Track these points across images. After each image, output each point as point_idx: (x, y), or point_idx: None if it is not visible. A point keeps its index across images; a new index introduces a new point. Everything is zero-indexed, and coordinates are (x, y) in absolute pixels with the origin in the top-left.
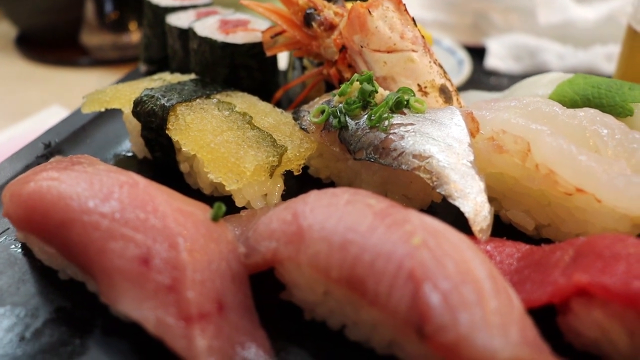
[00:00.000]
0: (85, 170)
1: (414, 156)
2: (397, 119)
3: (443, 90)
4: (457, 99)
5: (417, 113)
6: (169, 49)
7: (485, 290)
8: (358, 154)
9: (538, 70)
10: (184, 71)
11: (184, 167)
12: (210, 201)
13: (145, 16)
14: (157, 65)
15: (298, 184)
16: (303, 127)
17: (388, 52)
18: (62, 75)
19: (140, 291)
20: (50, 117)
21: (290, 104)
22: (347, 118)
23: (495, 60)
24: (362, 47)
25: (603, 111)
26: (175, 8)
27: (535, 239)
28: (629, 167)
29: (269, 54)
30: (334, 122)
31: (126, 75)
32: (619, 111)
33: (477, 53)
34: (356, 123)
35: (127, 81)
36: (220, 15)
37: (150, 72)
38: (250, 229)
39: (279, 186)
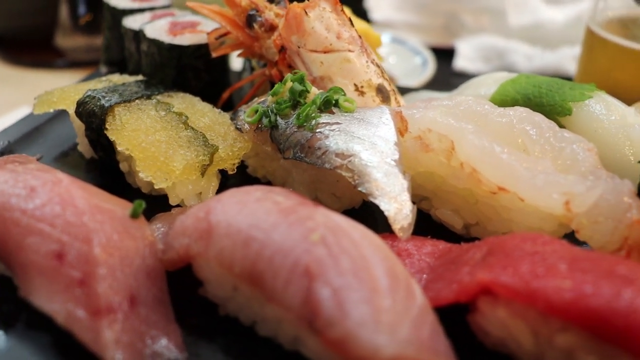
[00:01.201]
0: (14, 169)
1: (337, 155)
2: (324, 118)
3: (380, 90)
4: (396, 99)
5: (347, 112)
6: (126, 51)
7: (380, 287)
8: (286, 153)
9: (507, 71)
10: (139, 73)
11: (123, 166)
12: (149, 200)
13: (105, 18)
14: (117, 67)
15: (239, 183)
16: (238, 126)
17: (325, 52)
18: (38, 77)
19: (53, 285)
20: (17, 118)
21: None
22: (277, 118)
23: (464, 61)
24: (299, 47)
25: (543, 110)
26: (133, 10)
27: (466, 238)
28: (557, 166)
29: (214, 55)
30: (265, 121)
31: (86, 77)
32: (559, 110)
33: (447, 54)
34: (286, 122)
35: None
36: (173, 17)
37: (111, 74)
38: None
39: (213, 185)
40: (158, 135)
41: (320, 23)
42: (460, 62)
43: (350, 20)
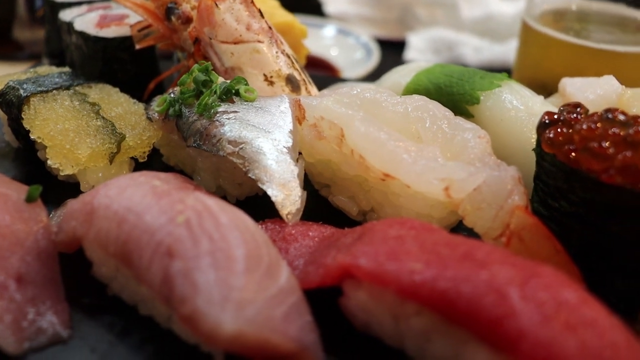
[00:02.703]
0: None
1: (230, 142)
2: (223, 107)
3: (290, 80)
4: (306, 88)
5: (247, 102)
6: (63, 43)
7: (235, 268)
8: (188, 141)
9: (455, 63)
10: (73, 65)
11: (41, 155)
12: (66, 187)
13: (45, 11)
14: (58, 59)
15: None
16: (148, 116)
17: (235, 43)
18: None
19: None
20: None
21: None
22: (182, 107)
23: (414, 53)
24: (211, 39)
25: (453, 99)
26: (71, 3)
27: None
28: (449, 153)
29: (138, 47)
30: (171, 110)
31: (26, 70)
32: (467, 99)
33: (399, 47)
34: (189, 111)
35: None
36: (106, 10)
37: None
38: None
39: (124, 172)
40: (68, 124)
41: (230, 15)
42: (411, 54)
43: (260, 12)
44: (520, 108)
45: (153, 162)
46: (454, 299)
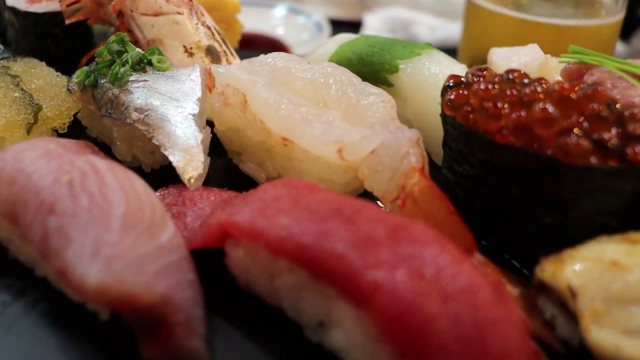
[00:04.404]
0: None
1: (136, 109)
2: (134, 76)
3: (210, 51)
4: (227, 60)
5: (159, 71)
6: (3, 22)
7: (111, 225)
8: (102, 110)
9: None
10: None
11: None
12: None
13: None
14: (2, 38)
15: None
16: (68, 88)
17: (155, 15)
18: None
19: None
20: None
21: None
22: (98, 77)
23: (370, 32)
24: (132, 11)
25: (374, 68)
26: None
27: None
28: (352, 118)
29: (67, 22)
30: (87, 81)
31: None
32: (387, 68)
33: (357, 27)
34: (104, 82)
35: None
36: None
37: None
38: None
39: None
40: None
41: None
42: (367, 34)
43: None
44: (439, 76)
45: (81, 135)
46: (316, 253)
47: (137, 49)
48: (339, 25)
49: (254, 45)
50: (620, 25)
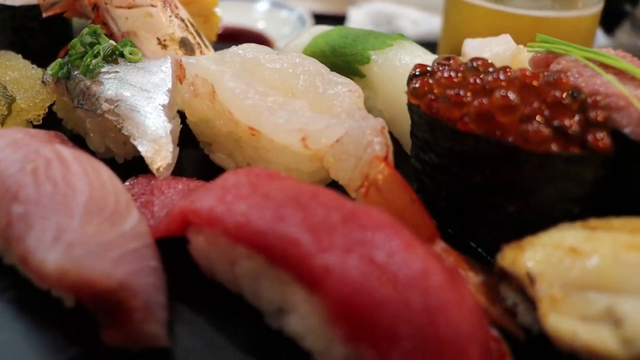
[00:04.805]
0: None
1: (106, 100)
2: (106, 67)
3: (184, 43)
4: (201, 51)
5: (131, 63)
6: None
7: (73, 212)
8: (74, 102)
9: None
10: None
11: None
12: None
13: None
14: None
15: None
16: (43, 80)
17: (129, 7)
18: None
19: None
20: None
21: None
22: (71, 69)
23: (354, 26)
24: (106, 4)
25: (346, 59)
26: None
27: None
28: (319, 107)
29: (44, 15)
30: (60, 72)
31: None
32: (359, 58)
33: (341, 21)
34: (76, 73)
35: None
36: None
37: None
38: None
39: None
40: None
41: None
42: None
43: None
44: (410, 66)
45: (57, 127)
46: (270, 238)
47: (110, 41)
48: (323, 20)
49: (236, 38)
50: (599, 16)
